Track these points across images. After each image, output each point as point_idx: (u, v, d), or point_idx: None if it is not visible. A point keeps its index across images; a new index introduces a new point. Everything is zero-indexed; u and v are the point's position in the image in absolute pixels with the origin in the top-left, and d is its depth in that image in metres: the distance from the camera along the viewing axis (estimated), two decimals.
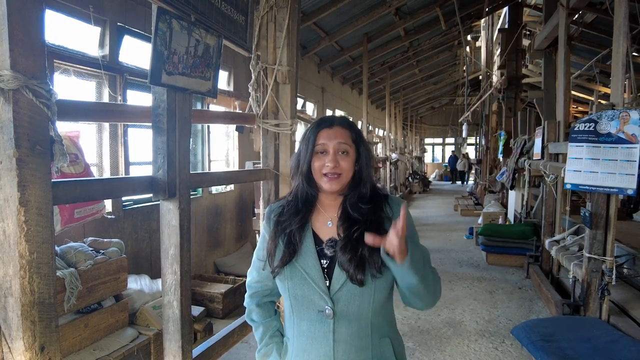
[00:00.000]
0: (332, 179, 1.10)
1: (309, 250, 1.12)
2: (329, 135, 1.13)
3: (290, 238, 1.13)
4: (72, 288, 2.30)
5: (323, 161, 1.11)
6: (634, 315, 3.02)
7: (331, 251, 1.11)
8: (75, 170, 2.44)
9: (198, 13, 1.73)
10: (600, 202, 2.97)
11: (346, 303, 1.07)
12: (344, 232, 1.10)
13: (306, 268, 1.10)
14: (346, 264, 1.06)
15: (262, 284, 1.25)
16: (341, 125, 1.15)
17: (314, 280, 1.08)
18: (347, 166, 1.12)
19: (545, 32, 5.27)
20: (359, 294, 1.07)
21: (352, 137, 1.15)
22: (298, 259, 1.11)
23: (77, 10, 3.07)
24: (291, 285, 1.11)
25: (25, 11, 1.08)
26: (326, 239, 1.14)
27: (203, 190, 4.83)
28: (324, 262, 1.11)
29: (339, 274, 1.08)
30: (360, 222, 1.10)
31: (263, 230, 1.24)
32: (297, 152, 1.20)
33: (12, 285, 1.10)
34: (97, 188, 1.47)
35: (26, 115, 1.09)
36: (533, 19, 10.34)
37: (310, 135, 1.15)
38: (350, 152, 1.13)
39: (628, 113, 2.79)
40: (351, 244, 1.07)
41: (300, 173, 1.15)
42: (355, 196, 1.14)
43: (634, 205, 5.92)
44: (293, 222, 1.14)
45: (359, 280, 1.05)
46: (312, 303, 1.09)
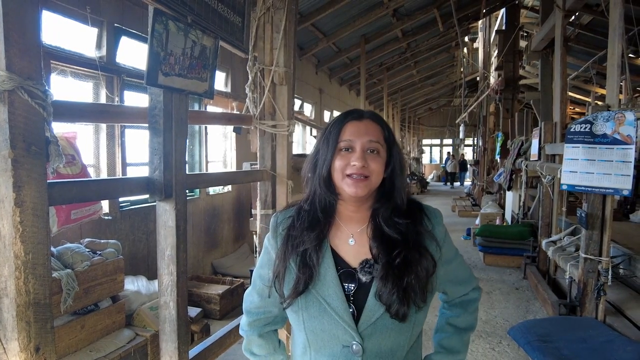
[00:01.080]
0: (358, 181, 0.89)
1: (328, 274, 0.91)
2: (357, 129, 0.92)
3: (306, 259, 0.92)
4: (68, 289, 2.29)
5: (347, 160, 0.91)
6: (630, 316, 3.03)
7: (367, 277, 0.90)
8: (72, 171, 2.44)
9: (194, 14, 1.73)
10: (596, 203, 2.99)
11: (379, 339, 0.89)
12: (383, 257, 0.90)
13: (326, 297, 0.90)
14: (387, 296, 0.87)
15: (265, 309, 1.04)
16: (372, 120, 0.95)
17: (337, 311, 0.89)
18: (377, 168, 0.91)
19: (542, 33, 5.30)
20: (396, 329, 0.89)
21: (384, 135, 0.95)
22: (315, 285, 0.91)
23: (74, 11, 3.07)
24: (307, 318, 0.91)
25: (21, 12, 1.08)
26: (352, 259, 0.94)
27: (200, 191, 4.82)
28: (348, 288, 0.91)
29: (375, 307, 0.88)
30: (400, 242, 0.91)
31: (268, 245, 1.01)
32: (313, 150, 0.99)
33: (8, 285, 1.10)
34: (94, 189, 1.47)
35: (21, 116, 1.09)
36: (530, 20, 10.38)
37: (334, 129, 0.94)
38: (382, 153, 0.93)
39: (623, 114, 2.81)
40: (394, 272, 0.88)
41: (319, 175, 0.94)
42: (389, 209, 0.93)
43: (630, 206, 5.95)
44: (308, 238, 0.93)
45: (402, 316, 0.87)
46: (335, 338, 0.90)
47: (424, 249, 0.93)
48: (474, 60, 14.47)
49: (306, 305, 0.91)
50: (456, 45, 11.50)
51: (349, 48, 8.74)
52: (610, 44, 2.98)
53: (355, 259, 0.93)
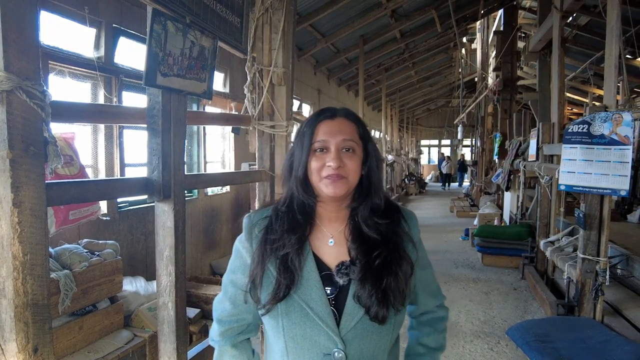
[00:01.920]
0: (336, 181, 0.87)
1: (311, 277, 0.88)
2: (331, 129, 0.90)
3: (287, 263, 0.88)
4: (66, 290, 2.29)
5: (323, 160, 0.89)
6: (628, 316, 3.04)
7: (345, 279, 0.88)
8: (70, 171, 2.43)
9: (193, 15, 1.73)
10: (594, 203, 3.00)
11: (361, 344, 0.87)
12: (362, 258, 0.88)
13: (309, 301, 0.87)
14: (366, 299, 0.85)
15: (238, 317, 0.98)
16: (346, 117, 0.93)
17: (320, 316, 0.86)
18: (353, 167, 0.89)
19: (539, 34, 5.31)
20: (376, 332, 0.87)
21: (359, 132, 0.92)
22: (296, 289, 0.87)
23: (72, 11, 3.07)
24: (288, 324, 0.87)
25: (19, 12, 1.08)
26: (331, 261, 0.91)
27: (199, 191, 4.82)
28: (330, 291, 0.88)
29: (354, 309, 0.86)
30: (379, 243, 0.89)
31: (241, 248, 0.96)
32: (290, 151, 0.97)
33: (6, 286, 1.10)
34: (92, 189, 1.47)
35: (20, 116, 1.09)
36: (528, 21, 10.42)
37: (307, 130, 0.92)
38: (357, 151, 0.91)
39: (621, 115, 2.82)
40: (373, 274, 0.86)
41: (295, 177, 0.92)
42: (367, 208, 0.92)
43: (627, 206, 5.97)
44: (289, 241, 0.89)
45: (381, 318, 0.85)
46: (316, 345, 0.86)
47: (403, 251, 0.91)
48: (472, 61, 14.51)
49: (287, 310, 0.87)
50: (454, 46, 11.52)
51: (347, 49, 8.75)
52: (608, 45, 2.99)
53: (335, 260, 0.91)
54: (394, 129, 16.14)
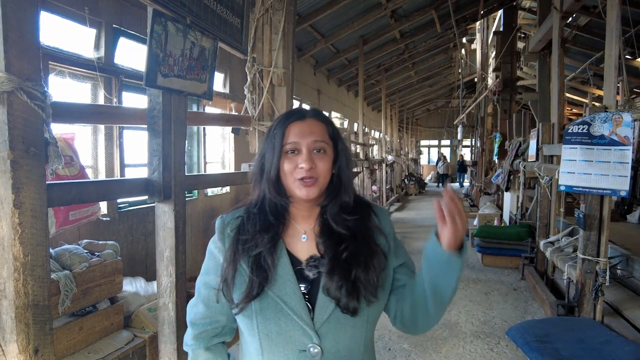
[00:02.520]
0: (309, 184, 0.89)
1: (285, 272, 0.89)
2: (301, 130, 0.91)
3: (260, 262, 0.89)
4: (66, 290, 2.28)
5: (295, 163, 0.90)
6: (628, 316, 3.04)
7: (314, 272, 0.89)
8: (70, 172, 2.43)
9: (193, 15, 1.73)
10: (594, 204, 3.00)
11: (336, 337, 0.87)
12: (330, 252, 0.90)
13: (283, 296, 0.87)
14: (335, 290, 0.86)
15: (212, 319, 0.97)
16: (315, 118, 0.94)
17: (295, 311, 0.86)
18: (324, 167, 0.91)
19: (539, 34, 5.32)
20: (351, 325, 0.88)
21: (329, 133, 0.94)
22: (270, 285, 0.88)
23: (72, 12, 3.06)
24: (262, 320, 0.87)
25: (20, 13, 1.08)
26: (304, 256, 0.92)
27: (199, 192, 4.82)
28: (303, 287, 0.89)
29: (325, 302, 0.87)
30: (347, 237, 0.91)
31: (214, 249, 0.97)
32: (260, 152, 0.97)
33: (6, 287, 1.10)
34: (92, 190, 1.47)
35: (20, 117, 1.09)
36: (527, 21, 10.42)
37: (278, 131, 0.92)
38: (328, 151, 0.92)
39: (621, 115, 2.82)
40: (340, 266, 0.87)
41: (267, 179, 0.92)
42: (336, 206, 0.94)
43: (627, 207, 5.97)
44: (262, 241, 0.90)
45: (352, 310, 0.86)
46: (291, 340, 0.86)
47: (374, 243, 0.93)
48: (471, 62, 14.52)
49: (261, 307, 0.87)
50: (454, 46, 11.52)
51: (347, 49, 8.75)
52: (608, 46, 3.00)
53: (307, 255, 0.93)
54: (394, 129, 16.14)
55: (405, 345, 3.30)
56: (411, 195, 15.62)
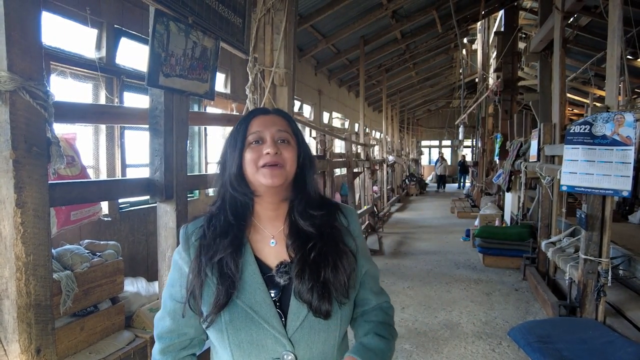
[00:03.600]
0: (273, 169, 0.86)
1: (253, 280, 0.86)
2: (265, 121, 0.90)
3: (223, 268, 0.85)
4: (68, 291, 2.28)
5: (259, 151, 0.87)
6: (630, 317, 3.03)
7: (285, 278, 0.87)
8: (71, 172, 2.43)
9: (195, 15, 1.73)
10: (596, 204, 2.99)
11: (309, 343, 0.85)
12: (298, 252, 0.87)
13: (253, 305, 0.84)
14: (306, 293, 0.83)
15: (179, 332, 0.93)
16: (279, 114, 0.95)
17: (266, 319, 0.84)
18: (290, 157, 0.88)
19: (540, 35, 5.31)
20: (324, 329, 0.85)
21: (292, 128, 0.93)
22: (238, 294, 0.85)
23: (74, 12, 3.07)
24: (232, 331, 0.84)
25: (22, 13, 1.08)
26: (273, 262, 0.89)
27: (200, 192, 4.82)
28: (273, 294, 0.86)
29: (298, 308, 0.84)
30: (315, 236, 0.88)
31: (178, 259, 0.93)
32: (221, 152, 0.94)
33: (9, 287, 1.10)
34: (94, 190, 1.47)
35: (23, 116, 1.09)
36: (529, 22, 10.41)
37: (241, 126, 0.91)
38: (292, 143, 0.91)
39: (623, 115, 2.82)
40: (309, 267, 0.85)
41: (229, 175, 0.89)
42: (302, 202, 0.91)
43: (629, 207, 5.96)
44: (222, 245, 0.86)
45: (324, 313, 0.84)
46: (264, 350, 0.84)
47: (343, 243, 0.91)
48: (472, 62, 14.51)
49: (231, 318, 0.84)
50: (455, 46, 11.52)
51: (348, 49, 8.76)
52: (610, 46, 2.99)
53: (277, 261, 0.90)
54: (395, 129, 16.14)
55: (407, 346, 3.29)
56: (412, 195, 15.62)
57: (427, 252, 6.53)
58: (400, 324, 3.68)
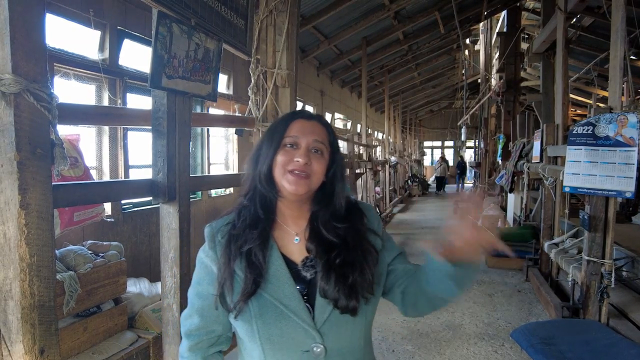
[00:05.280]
0: (300, 178, 0.88)
1: (281, 274, 0.88)
2: (304, 127, 0.92)
3: (251, 258, 0.88)
4: (71, 291, 2.29)
5: (291, 156, 0.89)
6: (634, 318, 3.02)
7: (311, 272, 0.90)
8: (74, 173, 2.44)
9: (198, 17, 1.74)
10: (599, 205, 2.98)
11: (337, 336, 0.87)
12: (322, 258, 0.89)
13: (282, 299, 0.86)
14: (333, 293, 0.86)
15: (207, 330, 0.95)
16: (320, 122, 0.95)
17: (296, 312, 0.86)
18: (319, 169, 0.90)
19: (543, 35, 5.30)
20: (350, 321, 0.88)
21: (329, 139, 0.94)
22: (267, 288, 0.87)
23: (77, 14, 3.08)
24: (262, 325, 0.86)
25: (27, 15, 1.08)
26: (298, 258, 0.92)
27: (202, 193, 4.83)
28: (300, 288, 0.89)
29: (325, 301, 0.87)
30: (338, 245, 0.90)
31: (204, 258, 0.95)
32: (256, 145, 0.97)
33: (12, 288, 1.10)
34: (97, 191, 1.47)
35: (27, 118, 1.10)
36: (531, 22, 10.39)
37: (280, 125, 0.93)
38: (325, 155, 0.92)
39: (626, 116, 2.81)
40: (335, 272, 0.87)
41: (260, 171, 0.92)
42: (327, 213, 0.93)
43: (632, 208, 5.94)
44: (251, 236, 0.90)
45: (352, 309, 0.86)
46: (294, 342, 0.86)
47: (367, 243, 0.93)
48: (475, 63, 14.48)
49: (260, 312, 0.86)
50: (457, 47, 11.50)
51: (350, 50, 8.76)
52: (613, 46, 2.98)
53: (301, 257, 0.92)
54: (397, 130, 16.12)
55: (409, 347, 3.29)
56: (414, 196, 15.59)
57: None
58: (402, 325, 3.68)
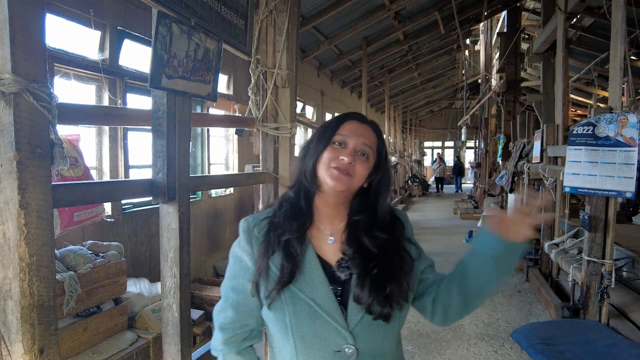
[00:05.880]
0: (342, 174, 0.89)
1: (316, 274, 0.89)
2: (355, 129, 0.93)
3: (289, 249, 0.90)
4: (71, 291, 2.29)
5: (337, 154, 0.90)
6: (634, 319, 3.02)
7: (346, 273, 0.90)
8: (75, 173, 2.44)
9: (198, 17, 1.74)
10: (599, 205, 2.98)
11: (369, 338, 0.88)
12: (358, 266, 0.90)
13: (316, 298, 0.87)
14: (367, 300, 0.87)
15: (242, 323, 0.96)
16: (372, 128, 0.97)
17: (329, 313, 0.87)
18: (362, 171, 0.91)
19: (543, 35, 5.30)
20: (383, 325, 0.89)
21: (377, 146, 0.95)
22: (301, 286, 0.88)
23: (77, 14, 3.08)
24: (296, 323, 0.87)
25: (27, 15, 1.08)
26: (333, 258, 0.93)
27: (203, 193, 4.83)
28: (334, 288, 0.90)
29: (357, 305, 0.88)
30: (377, 255, 0.90)
31: (239, 252, 0.96)
32: (308, 141, 0.99)
33: (12, 287, 1.10)
34: (98, 191, 1.47)
35: (27, 118, 1.10)
36: (531, 22, 10.39)
37: (334, 123, 0.95)
38: (371, 160, 0.93)
39: (626, 116, 2.81)
40: (371, 281, 0.88)
41: (306, 165, 0.94)
42: (369, 222, 0.93)
43: (633, 209, 5.93)
44: (290, 227, 0.91)
45: (385, 316, 0.87)
46: (326, 342, 0.87)
47: (405, 252, 0.95)
48: (475, 63, 14.48)
49: (294, 309, 0.87)
50: (458, 47, 11.50)
51: (350, 51, 8.76)
52: (613, 46, 2.98)
53: (335, 257, 0.93)
54: (397, 130, 16.12)
55: (409, 347, 3.29)
56: (415, 196, 15.58)
57: (431, 253, 6.41)
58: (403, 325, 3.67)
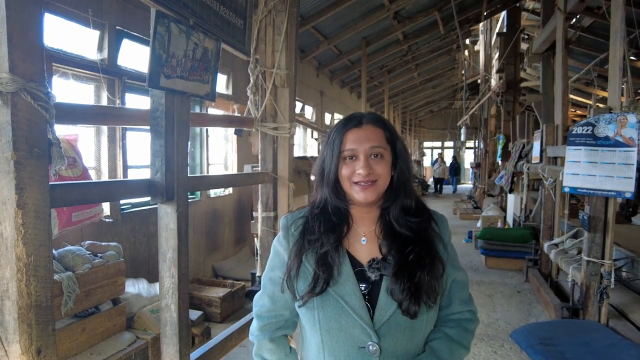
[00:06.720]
0: (366, 187, 0.92)
1: (345, 272, 0.93)
2: (358, 137, 0.93)
3: (327, 260, 0.93)
4: (69, 292, 2.29)
5: (353, 168, 0.93)
6: (633, 319, 3.01)
7: (376, 274, 0.92)
8: (73, 173, 2.44)
9: (197, 17, 1.74)
10: (599, 206, 2.98)
11: (394, 338, 0.90)
12: (396, 254, 0.92)
13: (344, 295, 0.91)
14: (399, 293, 0.88)
15: (276, 313, 1.02)
16: (372, 124, 0.96)
17: (355, 310, 0.90)
18: (383, 171, 0.93)
19: (543, 36, 5.30)
20: (409, 327, 0.90)
21: (386, 137, 0.96)
22: (333, 285, 0.92)
23: (76, 13, 3.08)
24: (323, 317, 0.91)
25: (24, 14, 1.08)
26: (364, 258, 0.95)
27: (201, 193, 4.82)
28: (363, 287, 0.92)
29: (387, 303, 0.90)
30: (412, 239, 0.93)
31: (279, 247, 1.01)
32: (320, 156, 1.01)
33: (9, 288, 1.10)
34: (95, 191, 1.47)
35: (24, 118, 1.09)
36: (531, 23, 10.40)
37: (336, 138, 0.96)
38: (386, 155, 0.94)
39: (625, 116, 2.80)
40: (407, 267, 0.89)
41: (327, 184, 0.96)
42: (398, 208, 0.96)
43: (632, 209, 5.93)
44: (328, 240, 0.94)
45: (412, 313, 0.88)
46: (351, 338, 0.90)
47: (434, 249, 0.95)
48: (475, 63, 14.49)
49: (322, 304, 0.91)
50: (457, 47, 11.51)
51: (350, 51, 8.76)
52: (612, 47, 2.98)
53: (367, 257, 0.95)
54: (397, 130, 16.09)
55: None
56: None
57: None
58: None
